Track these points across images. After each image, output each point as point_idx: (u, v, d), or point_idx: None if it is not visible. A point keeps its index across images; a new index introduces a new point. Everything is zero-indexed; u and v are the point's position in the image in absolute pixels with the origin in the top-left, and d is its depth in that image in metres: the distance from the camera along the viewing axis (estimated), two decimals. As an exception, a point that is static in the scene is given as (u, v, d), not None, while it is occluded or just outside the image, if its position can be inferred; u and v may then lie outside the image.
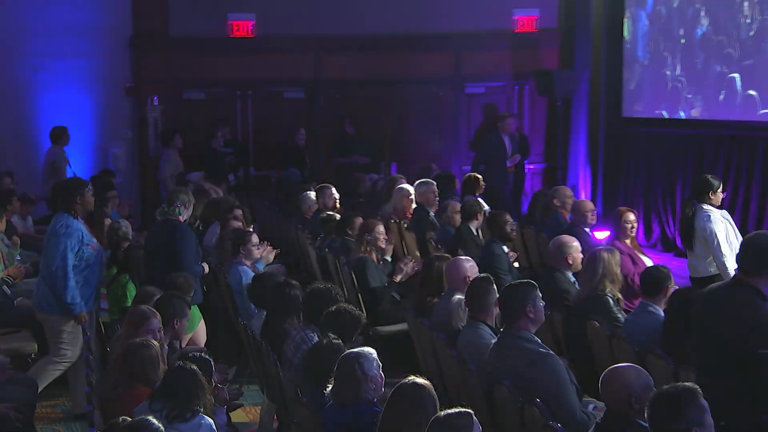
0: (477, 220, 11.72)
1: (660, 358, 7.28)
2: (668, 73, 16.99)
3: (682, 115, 16.70)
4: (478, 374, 7.03)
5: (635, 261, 10.24)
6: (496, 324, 7.70)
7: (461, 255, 9.57)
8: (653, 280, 8.12)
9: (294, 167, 16.30)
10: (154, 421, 5.50)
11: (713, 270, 10.22)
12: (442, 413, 5.18)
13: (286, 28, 17.26)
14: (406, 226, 12.60)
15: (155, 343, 6.98)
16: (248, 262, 10.10)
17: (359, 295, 10.08)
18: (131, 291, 9.74)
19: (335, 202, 13.03)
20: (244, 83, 17.43)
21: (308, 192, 13.12)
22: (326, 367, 6.51)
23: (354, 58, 17.64)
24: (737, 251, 8.50)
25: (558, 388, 6.76)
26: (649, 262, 10.32)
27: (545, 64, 18.18)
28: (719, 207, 10.38)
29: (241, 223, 11.34)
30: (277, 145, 17.21)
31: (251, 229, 11.33)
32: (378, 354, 6.30)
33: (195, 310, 9.28)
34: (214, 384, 6.74)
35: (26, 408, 7.89)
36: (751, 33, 15.53)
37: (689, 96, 16.64)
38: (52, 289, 8.79)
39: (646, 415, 5.36)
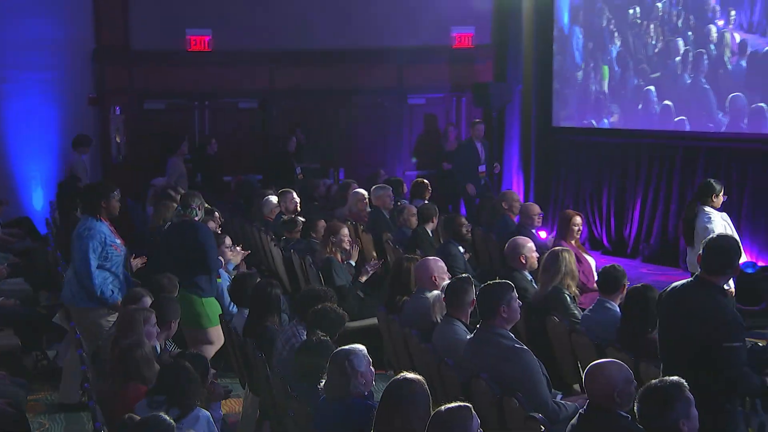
0: (432, 222, 11.70)
1: (620, 351, 7.28)
2: (593, 86, 17.14)
3: (606, 124, 16.83)
4: (455, 368, 7.00)
5: (580, 260, 10.22)
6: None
7: (405, 255, 9.60)
8: (611, 278, 8.11)
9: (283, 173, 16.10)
10: (166, 417, 5.41)
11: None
12: (443, 407, 5.12)
13: (241, 42, 17.11)
14: (362, 228, 12.51)
15: (147, 342, 6.89)
16: (222, 262, 10.02)
17: (326, 293, 9.97)
18: None
19: (296, 206, 12.96)
20: (202, 94, 17.28)
21: (269, 196, 12.99)
22: (315, 363, 6.49)
23: (305, 71, 17.53)
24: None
25: (531, 381, 6.76)
26: (592, 262, 10.37)
27: (481, 78, 18.22)
28: (720, 209, 10.46)
29: (216, 225, 11.20)
30: (233, 153, 17.07)
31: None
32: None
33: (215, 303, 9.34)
34: (210, 380, 6.63)
35: (19, 403, 7.78)
36: (656, 50, 15.99)
37: (612, 107, 16.83)
38: (81, 286, 8.68)
39: (635, 409, 5.37)
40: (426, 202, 13.28)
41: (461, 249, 10.81)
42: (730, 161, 14.75)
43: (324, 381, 6.26)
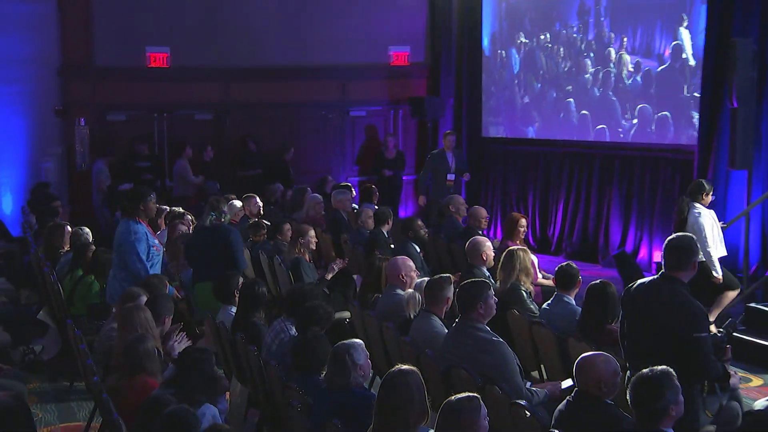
0: (388, 224, 11.62)
1: (580, 341, 7.31)
2: (518, 100, 17.29)
3: (531, 133, 16.90)
4: (435, 358, 6.95)
5: (527, 259, 10.28)
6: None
7: (377, 255, 9.54)
8: (567, 276, 8.19)
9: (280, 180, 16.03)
10: (189, 408, 5.30)
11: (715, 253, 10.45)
12: (453, 398, 5.10)
13: (197, 59, 16.89)
14: (321, 230, 12.42)
15: (151, 335, 6.77)
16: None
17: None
18: (95, 289, 9.54)
19: (259, 210, 12.87)
20: (160, 107, 16.94)
21: (233, 200, 12.82)
22: (312, 355, 6.49)
23: (256, 86, 17.35)
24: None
25: (507, 370, 6.79)
26: (535, 260, 10.34)
27: (416, 92, 18.24)
28: (709, 207, 10.57)
29: (186, 227, 11.04)
30: (189, 161, 16.82)
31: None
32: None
33: None
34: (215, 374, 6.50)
35: (21, 395, 7.58)
36: (567, 69, 16.21)
37: (535, 118, 16.95)
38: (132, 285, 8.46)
39: (628, 396, 5.39)
40: (375, 205, 13.24)
41: (417, 248, 10.74)
42: (644, 167, 15.00)
43: (324, 373, 6.22)
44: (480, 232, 11.50)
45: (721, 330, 6.95)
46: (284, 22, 17.35)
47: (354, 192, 14.58)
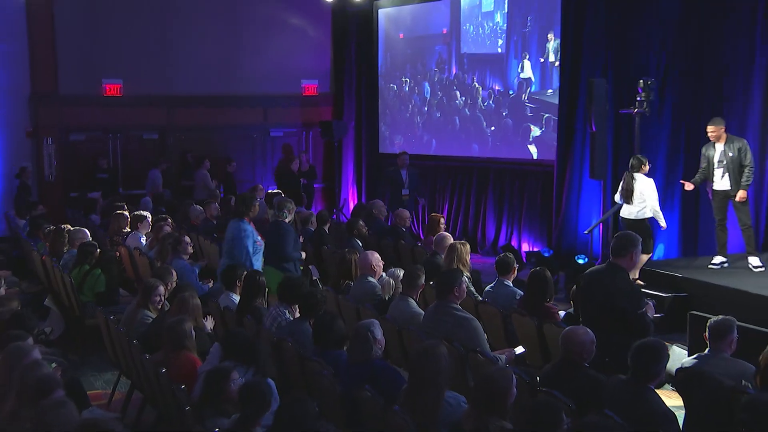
0: (327, 223, 11.64)
1: (523, 316, 7.45)
2: (408, 122, 17.47)
3: (418, 150, 17.01)
4: (416, 333, 6.96)
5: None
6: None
7: (347, 250, 9.48)
8: (506, 263, 8.25)
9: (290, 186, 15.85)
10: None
11: (640, 215, 10.63)
12: (489, 371, 5.09)
13: (145, 89, 16.66)
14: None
15: (189, 319, 6.64)
16: (185, 257, 9.72)
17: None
18: (102, 281, 9.40)
19: (218, 212, 12.70)
20: (114, 128, 16.73)
21: (195, 205, 12.66)
22: (331, 332, 6.35)
23: (194, 111, 17.22)
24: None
25: (478, 340, 6.87)
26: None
27: (324, 117, 18.31)
28: (648, 175, 10.80)
29: (170, 228, 10.86)
30: (137, 172, 16.56)
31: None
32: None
33: None
34: None
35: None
36: (440, 98, 16.43)
37: (424, 137, 17.15)
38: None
39: (629, 362, 5.36)
40: (303, 209, 13.27)
41: (359, 243, 10.82)
42: (513, 178, 15.27)
43: (347, 347, 6.20)
44: (403, 229, 11.64)
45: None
46: (218, 59, 17.25)
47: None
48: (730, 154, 10.46)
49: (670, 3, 12.56)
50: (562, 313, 7.98)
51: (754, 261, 10.58)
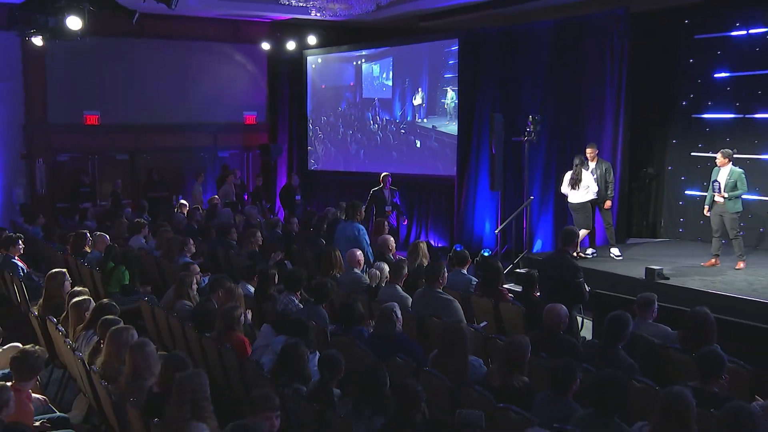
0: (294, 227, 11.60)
1: (481, 297, 7.57)
2: (329, 145, 17.51)
3: (340, 167, 17.18)
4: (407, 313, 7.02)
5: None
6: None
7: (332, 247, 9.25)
8: (462, 256, 8.27)
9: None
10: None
11: (585, 199, 10.81)
12: (511, 338, 5.20)
13: (117, 118, 16.15)
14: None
15: (239, 306, 6.57)
16: (188, 255, 9.54)
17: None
18: (126, 276, 9.08)
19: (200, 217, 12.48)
20: (93, 151, 16.10)
21: (177, 212, 12.41)
22: (353, 312, 6.36)
23: (158, 135, 16.74)
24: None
25: (459, 317, 6.92)
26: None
27: (261, 141, 18.06)
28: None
29: (146, 232, 10.76)
30: (112, 186, 16.01)
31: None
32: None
33: None
34: None
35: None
36: (373, 127, 16.51)
37: (340, 158, 17.23)
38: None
39: (605, 329, 5.55)
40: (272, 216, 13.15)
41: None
42: (428, 189, 15.50)
43: (374, 324, 6.25)
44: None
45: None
46: (176, 93, 16.85)
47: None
48: (599, 172, 11.06)
49: (541, 53, 13.13)
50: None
51: (615, 251, 11.20)
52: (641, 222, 13.46)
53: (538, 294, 7.29)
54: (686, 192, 12.99)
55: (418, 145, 15.53)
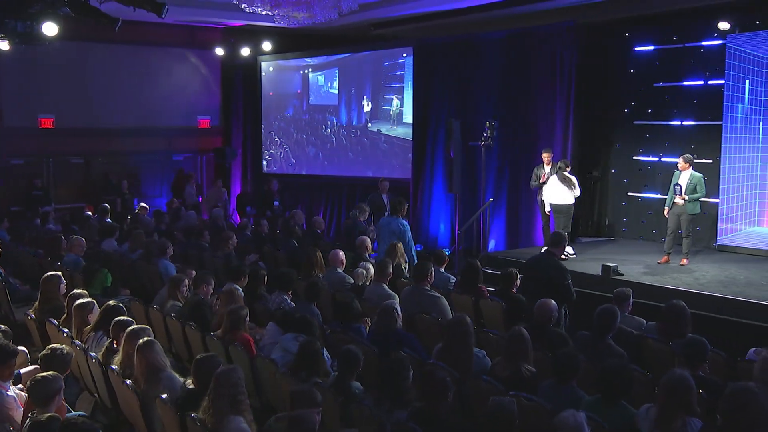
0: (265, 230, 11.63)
1: (461, 294, 7.80)
2: (283, 149, 17.55)
3: (293, 170, 17.23)
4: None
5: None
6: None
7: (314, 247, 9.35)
8: (441, 256, 8.45)
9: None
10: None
11: (567, 201, 11.05)
12: (516, 330, 5.39)
13: (72, 122, 15.83)
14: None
15: (245, 307, 6.60)
16: (168, 258, 9.51)
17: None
18: (109, 278, 8.90)
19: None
20: (47, 154, 15.73)
21: (145, 216, 12.28)
22: (352, 310, 6.54)
23: (113, 139, 16.48)
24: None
25: (447, 313, 7.17)
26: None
27: (215, 145, 18.04)
28: (570, 173, 11.20)
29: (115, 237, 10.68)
30: (67, 189, 15.70)
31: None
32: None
33: None
34: None
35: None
36: (326, 131, 16.59)
37: (298, 161, 17.26)
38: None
39: (594, 322, 5.81)
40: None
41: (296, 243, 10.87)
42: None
43: (374, 321, 6.41)
44: (318, 232, 11.81)
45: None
46: (133, 98, 16.62)
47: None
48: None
49: (495, 62, 13.51)
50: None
51: (569, 249, 11.64)
52: (587, 221, 13.99)
53: (516, 290, 7.58)
54: (629, 193, 13.60)
55: (370, 148, 15.76)
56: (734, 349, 6.64)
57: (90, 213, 13.88)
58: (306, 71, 17.06)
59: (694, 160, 10.81)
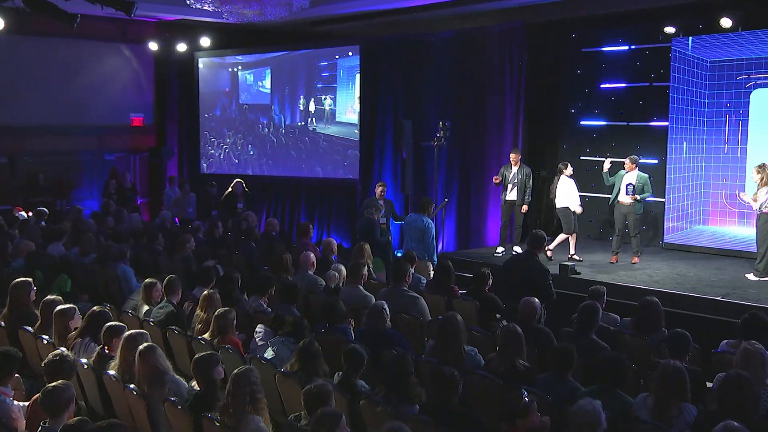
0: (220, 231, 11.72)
1: (433, 294, 8.09)
2: (222, 149, 17.60)
3: (230, 170, 17.21)
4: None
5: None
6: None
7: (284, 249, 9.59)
8: (412, 257, 8.64)
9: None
10: None
11: (565, 204, 11.41)
12: (510, 327, 5.79)
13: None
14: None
15: (233, 310, 6.77)
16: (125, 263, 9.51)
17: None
18: (69, 284, 8.88)
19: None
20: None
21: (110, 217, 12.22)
22: (337, 311, 6.74)
23: (41, 138, 16.14)
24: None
25: (425, 313, 7.52)
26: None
27: (149, 144, 17.89)
28: (570, 176, 11.53)
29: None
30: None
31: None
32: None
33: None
34: None
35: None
36: (263, 131, 16.77)
37: (238, 161, 17.35)
38: (424, 252, 9.89)
39: (575, 318, 6.28)
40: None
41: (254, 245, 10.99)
42: (322, 193, 16.02)
43: (365, 321, 6.71)
44: (273, 234, 11.97)
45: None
46: (61, 94, 16.35)
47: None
48: (520, 176, 12.02)
49: (444, 62, 13.97)
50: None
51: (518, 249, 12.22)
52: (534, 222, 14.62)
53: (488, 290, 8.02)
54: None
55: (311, 147, 16.07)
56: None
57: (24, 215, 13.61)
58: (235, 69, 17.22)
59: (640, 161, 11.54)
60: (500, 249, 12.34)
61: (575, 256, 11.67)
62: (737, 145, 13.78)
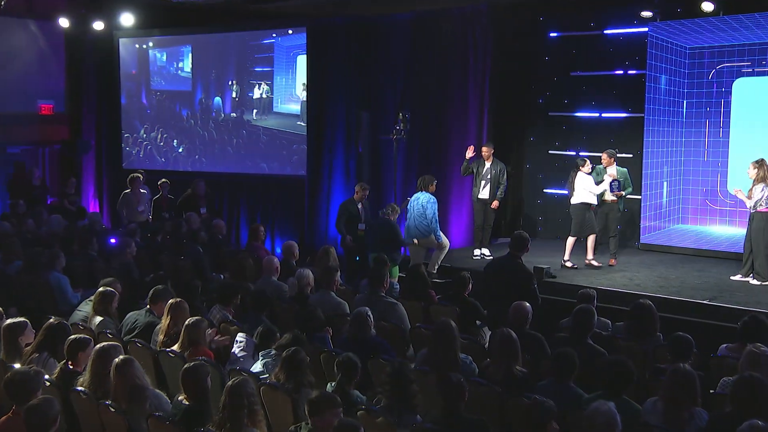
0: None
1: (410, 300, 8.56)
2: (150, 144, 17.66)
3: (159, 165, 17.29)
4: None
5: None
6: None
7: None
8: (384, 261, 8.99)
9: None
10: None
11: (579, 201, 11.64)
12: (505, 333, 6.20)
13: None
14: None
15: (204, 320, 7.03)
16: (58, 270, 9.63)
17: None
18: None
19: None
20: None
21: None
22: (315, 319, 7.14)
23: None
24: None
25: (404, 319, 7.97)
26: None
27: (61, 135, 17.77)
28: (588, 173, 11.64)
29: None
30: None
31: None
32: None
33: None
34: None
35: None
36: (192, 123, 16.95)
37: (161, 157, 17.46)
38: (427, 229, 11.51)
39: (571, 322, 6.76)
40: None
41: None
42: (267, 191, 16.23)
43: (348, 329, 7.07)
44: (219, 237, 12.16)
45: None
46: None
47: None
48: (493, 172, 12.49)
49: (402, 46, 14.35)
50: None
51: (485, 251, 12.76)
52: (500, 221, 15.13)
53: (468, 294, 8.48)
54: (545, 190, 14.91)
55: (249, 141, 16.34)
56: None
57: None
58: (144, 46, 17.21)
59: (617, 155, 12.16)
60: (477, 252, 12.75)
61: (593, 262, 11.95)
62: (719, 138, 14.53)
